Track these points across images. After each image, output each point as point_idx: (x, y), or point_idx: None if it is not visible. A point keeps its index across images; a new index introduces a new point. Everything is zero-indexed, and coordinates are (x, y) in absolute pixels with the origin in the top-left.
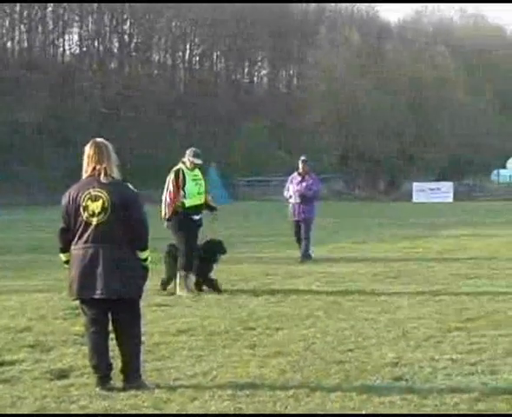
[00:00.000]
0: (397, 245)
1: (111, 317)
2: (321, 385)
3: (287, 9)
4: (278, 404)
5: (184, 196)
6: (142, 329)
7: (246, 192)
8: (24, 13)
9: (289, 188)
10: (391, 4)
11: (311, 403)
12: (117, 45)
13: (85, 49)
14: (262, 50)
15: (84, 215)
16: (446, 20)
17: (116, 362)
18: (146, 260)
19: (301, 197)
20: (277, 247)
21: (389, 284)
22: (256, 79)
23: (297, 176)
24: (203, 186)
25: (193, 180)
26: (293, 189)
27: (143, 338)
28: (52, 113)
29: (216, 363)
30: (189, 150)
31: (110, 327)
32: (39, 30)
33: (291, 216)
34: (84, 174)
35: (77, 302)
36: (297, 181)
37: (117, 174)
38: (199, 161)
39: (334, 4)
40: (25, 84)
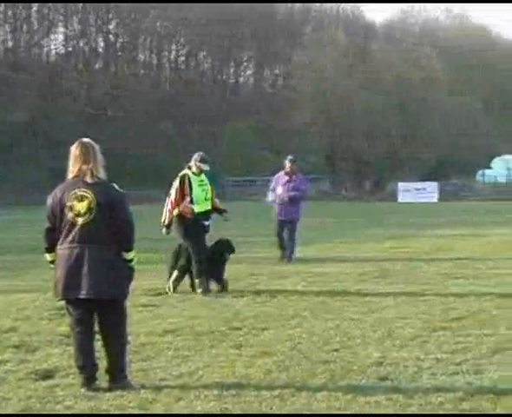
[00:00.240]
0: (384, 245)
1: (97, 317)
2: (307, 385)
3: (272, 9)
4: (264, 404)
5: (191, 202)
6: (128, 329)
7: (234, 192)
8: (9, 13)
9: (275, 188)
10: (377, 4)
11: (296, 403)
12: (103, 45)
13: (71, 48)
14: (248, 50)
15: (70, 215)
16: (432, 20)
17: (102, 363)
18: (132, 260)
19: (289, 199)
20: (264, 247)
21: (375, 284)
22: (242, 79)
23: (283, 176)
24: (209, 191)
25: (199, 186)
26: (280, 190)
27: (129, 338)
28: (40, 113)
29: (202, 363)
30: (196, 155)
31: (96, 327)
32: (24, 30)
33: (276, 216)
34: (70, 174)
35: (63, 303)
36: (283, 181)
37: (103, 174)
38: (206, 167)
39: (319, 4)
40: (12, 84)
